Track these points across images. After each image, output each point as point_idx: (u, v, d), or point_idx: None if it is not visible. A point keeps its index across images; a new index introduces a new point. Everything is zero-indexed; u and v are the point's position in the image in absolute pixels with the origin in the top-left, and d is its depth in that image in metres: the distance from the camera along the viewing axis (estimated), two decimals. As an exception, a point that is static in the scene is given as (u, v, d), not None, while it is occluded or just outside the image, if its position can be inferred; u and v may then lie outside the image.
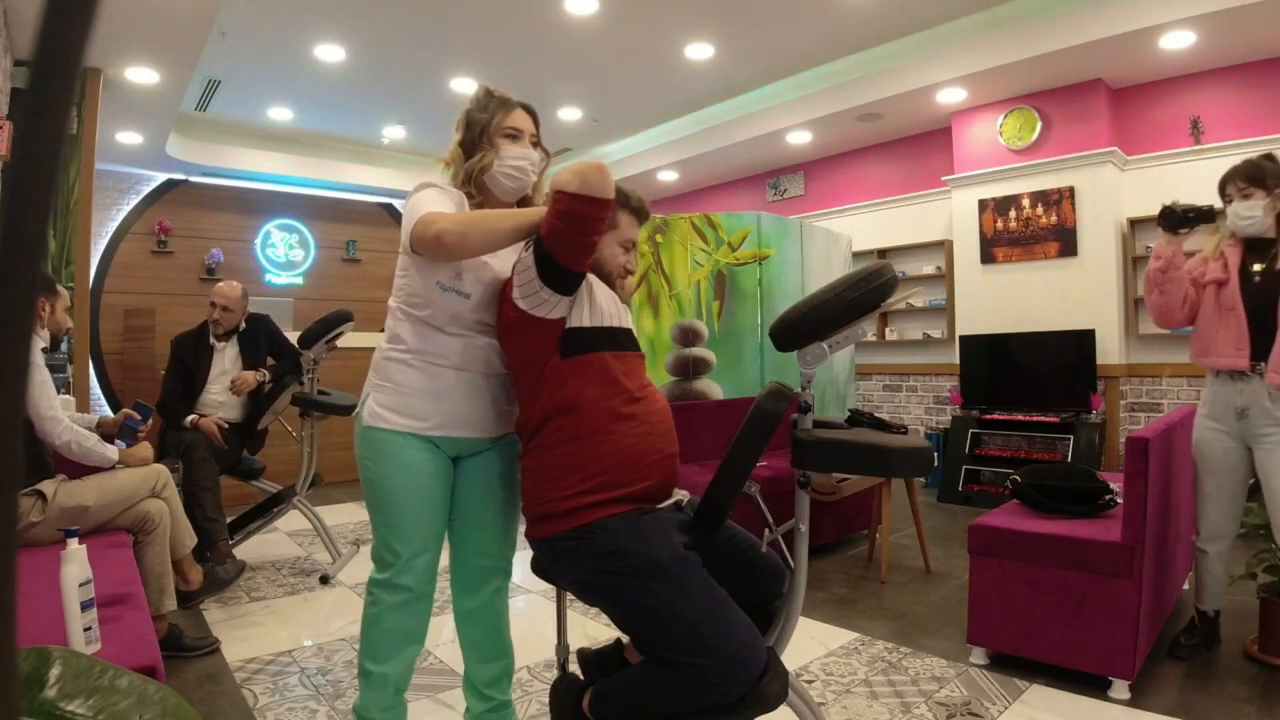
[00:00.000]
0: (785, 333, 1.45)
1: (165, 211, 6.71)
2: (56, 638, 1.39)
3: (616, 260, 1.62)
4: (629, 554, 1.36)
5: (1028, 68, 4.78)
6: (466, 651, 1.85)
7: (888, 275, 1.40)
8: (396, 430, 1.62)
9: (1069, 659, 2.28)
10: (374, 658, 1.67)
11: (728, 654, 1.28)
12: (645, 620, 1.36)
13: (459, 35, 4.88)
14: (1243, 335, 2.27)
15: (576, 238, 1.40)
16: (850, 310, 1.39)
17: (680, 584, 1.33)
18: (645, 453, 1.46)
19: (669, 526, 1.42)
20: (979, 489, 5.07)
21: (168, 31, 3.89)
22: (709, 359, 4.52)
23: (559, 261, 1.42)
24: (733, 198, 7.68)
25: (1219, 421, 2.37)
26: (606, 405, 1.45)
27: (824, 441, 1.41)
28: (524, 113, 1.72)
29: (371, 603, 1.67)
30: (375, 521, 1.67)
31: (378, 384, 1.66)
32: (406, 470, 1.64)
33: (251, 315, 3.72)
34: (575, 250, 1.42)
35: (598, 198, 1.37)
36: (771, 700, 1.33)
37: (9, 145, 2.30)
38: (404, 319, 1.65)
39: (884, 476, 3.35)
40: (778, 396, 1.43)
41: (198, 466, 3.20)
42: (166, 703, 0.48)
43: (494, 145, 1.66)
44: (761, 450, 1.42)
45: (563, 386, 1.46)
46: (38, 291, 0.28)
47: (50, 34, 0.25)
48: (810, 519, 1.49)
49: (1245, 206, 2.27)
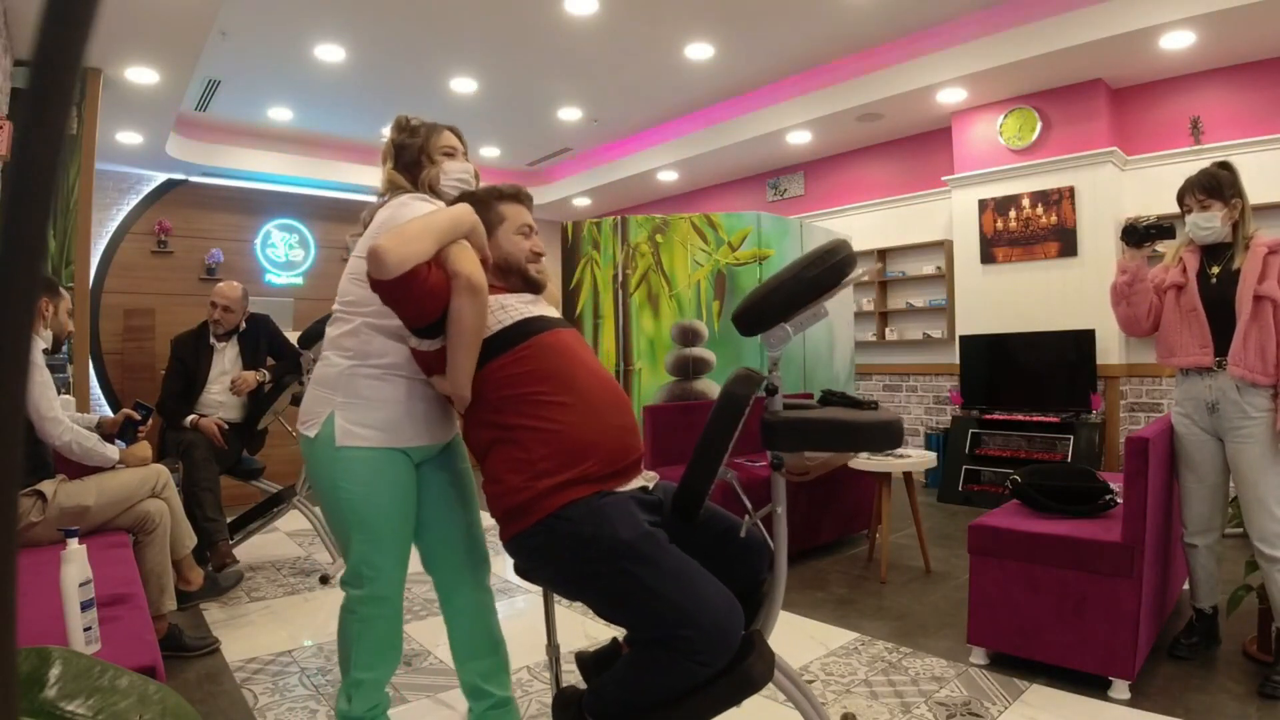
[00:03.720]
0: (748, 316, 1.46)
1: (165, 211, 6.71)
2: (56, 638, 1.39)
3: (519, 248, 1.67)
4: (594, 539, 1.37)
5: (1028, 68, 4.78)
6: (458, 651, 1.86)
7: (844, 252, 1.40)
8: (374, 447, 1.63)
9: (1069, 659, 2.28)
10: (366, 667, 1.69)
11: (706, 622, 1.29)
12: (622, 602, 1.37)
13: (459, 35, 4.88)
14: (1205, 334, 2.36)
15: (398, 306, 1.49)
16: (810, 289, 1.40)
17: (649, 560, 1.33)
18: (589, 430, 1.47)
19: (630, 505, 1.43)
20: (979, 489, 5.07)
21: (168, 31, 3.89)
22: (709, 359, 4.52)
23: (405, 324, 1.53)
24: (733, 198, 7.68)
25: (1192, 417, 2.43)
26: (536, 399, 1.48)
27: (792, 420, 1.41)
28: (452, 133, 1.86)
29: (357, 620, 1.68)
30: (353, 539, 1.66)
31: (345, 402, 1.64)
32: (389, 488, 1.65)
33: (251, 315, 3.72)
34: (407, 314, 1.51)
35: (378, 279, 1.43)
36: (758, 680, 1.34)
37: (9, 145, 2.30)
38: (375, 332, 1.66)
39: (852, 451, 3.34)
40: (746, 381, 1.44)
41: (198, 466, 3.20)
42: (166, 703, 0.49)
43: (435, 162, 1.79)
44: (732, 434, 1.42)
45: (485, 396, 1.51)
46: (38, 291, 0.28)
47: (50, 34, 0.25)
48: (809, 519, 1.50)
49: (1204, 217, 2.36)
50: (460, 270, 1.46)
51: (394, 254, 1.39)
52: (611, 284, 4.69)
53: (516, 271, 1.67)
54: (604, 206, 8.74)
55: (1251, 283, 2.25)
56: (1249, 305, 2.24)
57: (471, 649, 1.85)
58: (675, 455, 3.67)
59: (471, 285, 1.46)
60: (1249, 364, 2.25)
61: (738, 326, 1.49)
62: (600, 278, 4.72)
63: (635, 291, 4.61)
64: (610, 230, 4.69)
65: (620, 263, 4.65)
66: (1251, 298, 2.24)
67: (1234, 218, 2.34)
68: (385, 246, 1.39)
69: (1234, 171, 2.37)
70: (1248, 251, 2.31)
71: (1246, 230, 2.35)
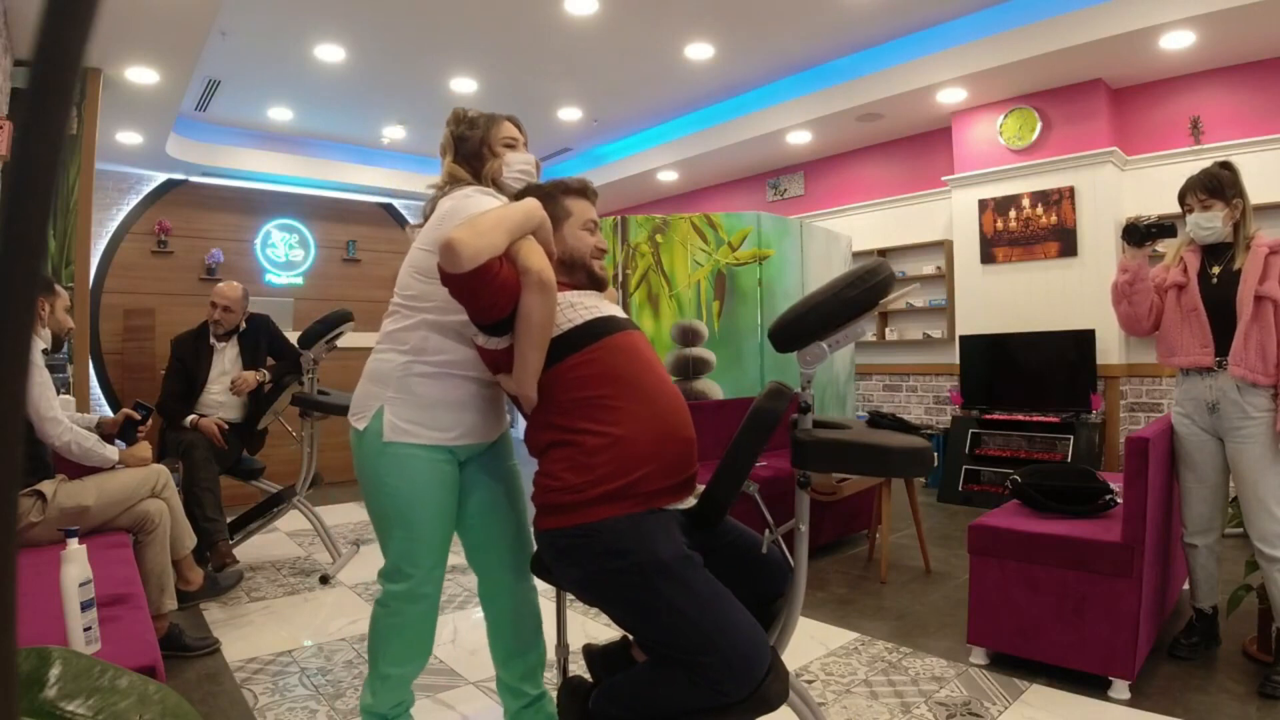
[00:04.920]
0: (784, 333, 1.45)
1: (165, 211, 6.71)
2: (56, 638, 1.39)
3: (585, 243, 1.66)
4: (632, 553, 1.36)
5: (1028, 68, 4.78)
6: (502, 650, 1.85)
7: (884, 273, 1.40)
8: (422, 444, 1.62)
9: (1069, 659, 2.28)
10: (397, 663, 1.68)
11: (732, 652, 1.28)
12: (649, 619, 1.36)
13: (459, 35, 4.88)
14: (1206, 334, 2.36)
15: (467, 301, 1.46)
16: (848, 309, 1.39)
17: (683, 583, 1.33)
18: (651, 439, 1.45)
19: (672, 526, 1.42)
20: (979, 489, 5.07)
21: (168, 31, 3.89)
22: (709, 359, 4.52)
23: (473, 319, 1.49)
24: (733, 198, 7.68)
25: (1192, 416, 2.44)
26: (602, 403, 1.45)
27: (823, 441, 1.41)
28: (512, 124, 1.82)
29: (391, 614, 1.67)
30: (394, 535, 1.65)
31: (395, 397, 1.62)
32: (434, 486, 1.64)
33: (251, 315, 3.72)
34: (476, 309, 1.47)
35: (451, 274, 1.40)
36: (774, 700, 1.33)
37: (9, 145, 2.30)
38: (432, 329, 1.63)
39: (884, 476, 3.35)
40: (777, 396, 1.44)
41: (198, 466, 3.20)
42: (166, 703, 0.48)
43: (497, 154, 1.75)
44: (761, 449, 1.42)
45: (554, 398, 1.48)
46: (38, 291, 0.28)
47: (50, 34, 0.25)
48: (810, 519, 1.50)
49: (1205, 217, 2.36)
50: (530, 266, 1.43)
51: (469, 246, 1.35)
52: (612, 284, 4.68)
53: (582, 267, 1.65)
54: (604, 206, 8.71)
55: (1252, 283, 2.25)
56: (1250, 305, 2.24)
57: (516, 647, 1.83)
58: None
59: (542, 282, 1.43)
60: (1250, 364, 2.25)
61: (774, 342, 1.47)
62: (600, 278, 4.71)
63: (635, 291, 4.61)
64: (610, 230, 4.69)
65: (620, 263, 4.65)
66: (1253, 298, 2.24)
67: (1235, 218, 2.35)
68: (460, 239, 1.35)
69: (1235, 171, 2.37)
70: (1249, 252, 2.31)
71: (1247, 230, 2.35)
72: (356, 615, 3.01)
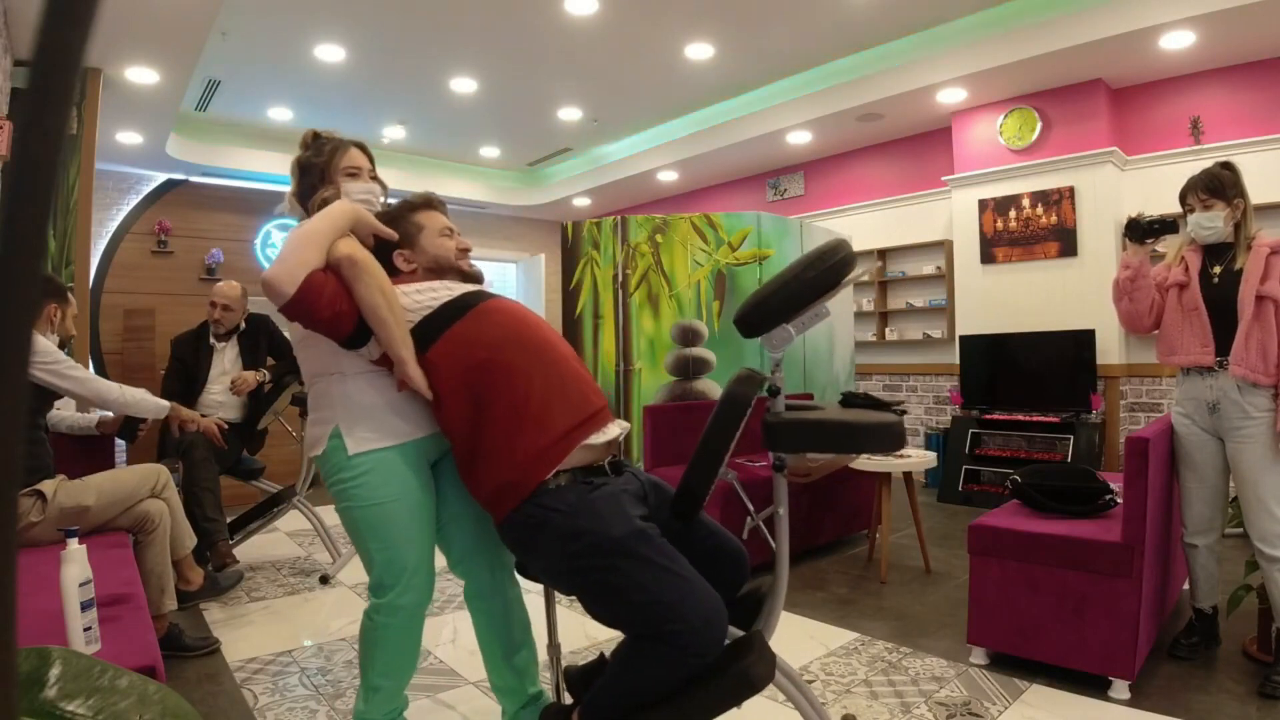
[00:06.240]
0: (749, 318, 1.46)
1: (165, 211, 6.71)
2: (56, 638, 1.39)
3: (446, 249, 1.72)
4: (586, 533, 1.38)
5: (1028, 68, 4.78)
6: (492, 651, 1.85)
7: (843, 253, 1.40)
8: (388, 447, 1.63)
9: (1069, 659, 2.28)
10: (386, 674, 1.68)
11: (694, 616, 1.30)
12: (612, 598, 1.38)
13: (459, 35, 4.88)
14: (1206, 333, 2.36)
15: (313, 323, 1.52)
16: (810, 290, 1.40)
17: (640, 557, 1.34)
18: (549, 387, 1.51)
19: (620, 500, 1.44)
20: (979, 489, 5.07)
21: (168, 31, 3.89)
22: (709, 359, 4.52)
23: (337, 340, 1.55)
24: (733, 198, 7.67)
25: (1192, 416, 2.44)
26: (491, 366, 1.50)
27: (794, 422, 1.41)
28: (358, 151, 1.81)
29: (374, 626, 1.66)
30: (373, 547, 1.64)
31: (343, 414, 1.63)
32: (408, 487, 1.64)
33: (251, 315, 3.72)
34: (325, 326, 1.52)
35: (281, 307, 1.46)
36: (758, 682, 1.34)
37: (9, 145, 2.30)
38: (342, 359, 1.64)
39: (854, 453, 3.33)
40: (748, 381, 1.44)
41: (197, 466, 3.20)
42: (166, 703, 0.48)
43: (334, 184, 1.74)
44: (733, 435, 1.42)
45: (445, 381, 1.53)
46: (39, 291, 0.28)
47: (50, 34, 0.25)
48: (810, 519, 1.50)
49: (1206, 217, 2.36)
50: (337, 254, 1.50)
51: (281, 272, 1.44)
52: (611, 284, 4.69)
53: (451, 269, 1.71)
54: (604, 206, 8.73)
55: (1253, 283, 2.26)
56: (1251, 305, 2.25)
57: (507, 647, 1.83)
58: (675, 455, 3.67)
59: (351, 260, 1.49)
60: (1250, 364, 2.25)
61: (739, 329, 1.49)
62: (600, 278, 4.72)
63: (635, 291, 4.62)
64: (610, 230, 4.69)
65: (620, 263, 4.65)
66: (1254, 298, 2.25)
67: (1236, 218, 2.35)
68: (271, 273, 1.44)
69: (1236, 171, 2.38)
70: (1250, 252, 2.31)
71: (1248, 230, 2.35)
72: (356, 615, 2.99)
